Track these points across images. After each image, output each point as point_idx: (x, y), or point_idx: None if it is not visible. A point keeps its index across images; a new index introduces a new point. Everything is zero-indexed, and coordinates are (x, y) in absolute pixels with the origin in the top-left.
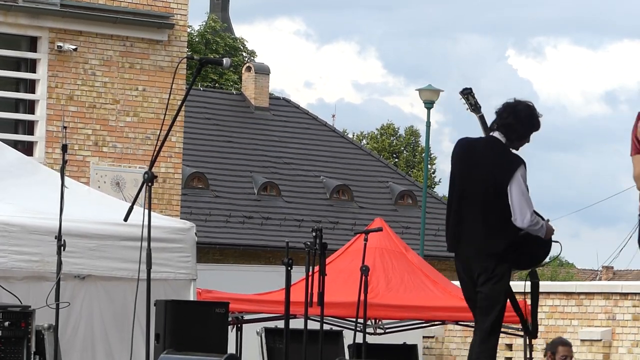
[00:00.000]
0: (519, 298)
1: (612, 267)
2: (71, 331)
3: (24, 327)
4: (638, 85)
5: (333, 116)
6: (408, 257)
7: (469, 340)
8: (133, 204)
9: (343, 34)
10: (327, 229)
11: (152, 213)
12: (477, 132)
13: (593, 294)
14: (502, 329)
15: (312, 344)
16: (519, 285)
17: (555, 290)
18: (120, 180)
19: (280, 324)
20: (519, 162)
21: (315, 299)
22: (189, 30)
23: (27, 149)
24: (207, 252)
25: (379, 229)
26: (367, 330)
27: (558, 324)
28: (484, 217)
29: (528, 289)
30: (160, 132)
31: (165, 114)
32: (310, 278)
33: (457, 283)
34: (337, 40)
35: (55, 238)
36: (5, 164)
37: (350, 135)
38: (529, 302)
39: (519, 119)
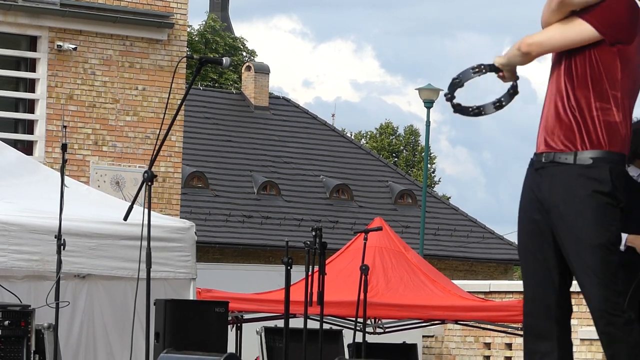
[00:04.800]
0: (519, 297)
1: None
2: (71, 330)
3: (24, 326)
4: None
5: (332, 115)
6: (408, 256)
7: (469, 339)
8: (133, 203)
9: (339, 33)
10: (327, 228)
11: (151, 212)
12: (475, 132)
13: None
14: (502, 328)
15: (312, 343)
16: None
17: None
18: (120, 179)
19: (280, 323)
20: None
21: (315, 298)
22: (188, 29)
23: (26, 148)
24: (207, 252)
25: (379, 228)
26: (367, 329)
27: None
28: None
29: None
30: (160, 131)
31: (165, 113)
32: (310, 277)
33: (456, 282)
34: (333, 38)
35: (55, 237)
36: (5, 164)
37: (348, 135)
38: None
39: None
